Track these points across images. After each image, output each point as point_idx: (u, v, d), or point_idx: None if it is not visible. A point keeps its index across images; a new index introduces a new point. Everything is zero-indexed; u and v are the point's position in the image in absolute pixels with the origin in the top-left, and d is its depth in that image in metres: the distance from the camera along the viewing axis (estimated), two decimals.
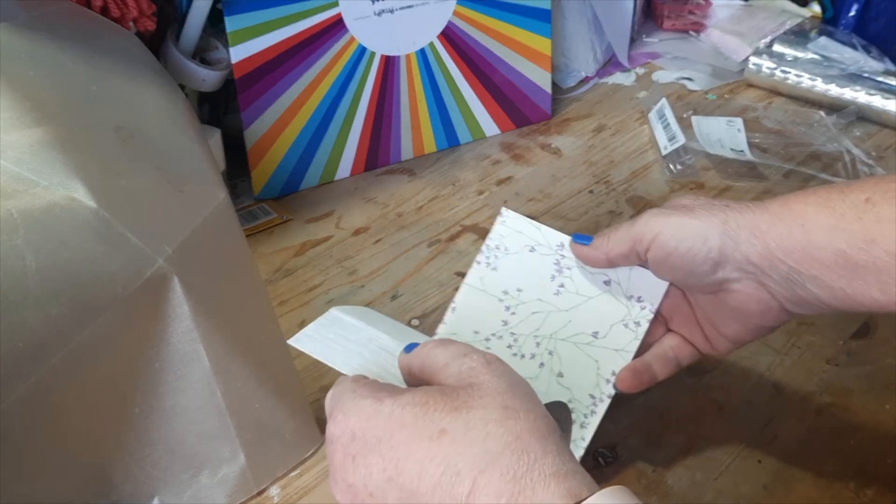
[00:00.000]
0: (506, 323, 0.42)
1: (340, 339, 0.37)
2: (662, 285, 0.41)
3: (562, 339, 0.41)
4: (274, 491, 0.42)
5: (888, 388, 0.47)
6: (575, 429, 0.40)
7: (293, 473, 0.43)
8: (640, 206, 0.62)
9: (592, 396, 0.40)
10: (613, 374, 0.40)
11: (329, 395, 0.31)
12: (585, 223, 0.60)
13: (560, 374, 0.41)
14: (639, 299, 0.41)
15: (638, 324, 0.41)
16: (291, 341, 0.37)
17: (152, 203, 0.39)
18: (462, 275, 0.56)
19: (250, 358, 0.41)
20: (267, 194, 0.63)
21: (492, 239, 0.44)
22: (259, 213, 0.61)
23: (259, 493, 0.42)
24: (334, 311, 0.39)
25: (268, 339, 0.43)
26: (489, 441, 0.26)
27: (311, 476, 0.43)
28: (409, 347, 0.32)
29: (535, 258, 0.43)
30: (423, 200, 0.63)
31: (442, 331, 0.43)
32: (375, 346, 0.36)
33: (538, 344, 0.41)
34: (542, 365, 0.41)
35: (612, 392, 0.40)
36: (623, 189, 0.64)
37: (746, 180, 0.64)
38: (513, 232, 0.44)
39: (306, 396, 0.46)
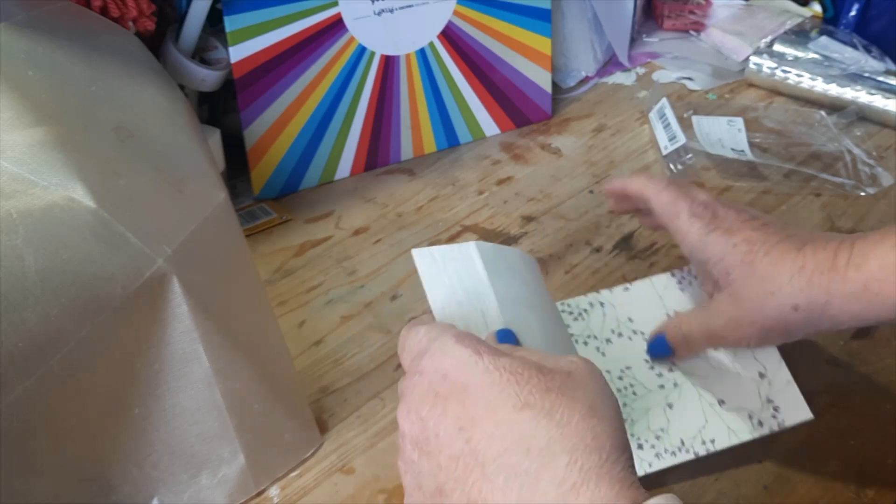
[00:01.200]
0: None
1: (457, 277, 0.35)
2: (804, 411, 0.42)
3: (691, 379, 0.42)
4: (273, 491, 0.42)
5: (889, 388, 0.47)
6: (647, 454, 0.40)
7: (293, 474, 0.43)
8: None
9: (682, 442, 0.41)
10: (713, 442, 0.41)
11: (424, 330, 0.30)
12: (585, 223, 0.60)
13: (670, 405, 0.42)
14: (775, 408, 0.42)
15: (762, 424, 0.41)
16: (414, 252, 0.36)
17: (152, 203, 0.39)
18: None
19: (250, 358, 0.41)
20: (266, 194, 0.63)
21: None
22: (259, 214, 0.61)
23: (259, 494, 0.42)
24: (472, 247, 0.36)
25: (267, 339, 0.43)
26: (568, 430, 0.26)
27: (311, 476, 0.43)
28: (502, 337, 0.32)
29: None
30: (422, 200, 0.63)
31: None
32: (478, 306, 0.34)
33: (671, 370, 0.43)
34: (662, 387, 0.42)
35: (700, 454, 0.41)
36: None
37: (747, 180, 0.64)
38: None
39: (306, 397, 0.46)
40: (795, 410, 0.42)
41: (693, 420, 0.41)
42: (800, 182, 0.64)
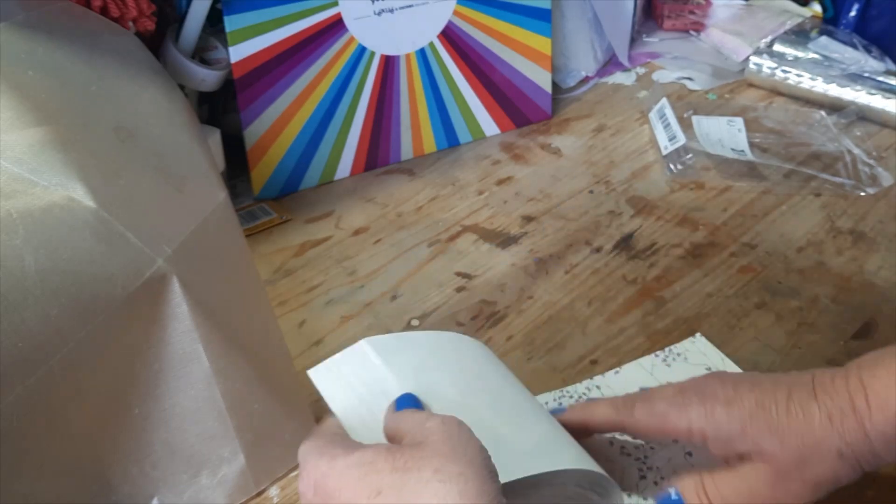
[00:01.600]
0: None
1: (353, 377, 0.36)
2: None
3: None
4: (273, 491, 0.42)
5: None
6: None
7: (293, 474, 0.43)
8: (640, 206, 0.62)
9: None
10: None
11: (301, 450, 0.32)
12: (585, 223, 0.60)
13: (689, 453, 0.41)
14: None
15: None
16: (310, 372, 0.37)
17: (152, 203, 0.39)
18: (462, 275, 0.56)
19: (250, 358, 0.41)
20: (266, 194, 0.63)
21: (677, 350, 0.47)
22: (259, 214, 0.61)
23: (258, 494, 0.42)
24: (363, 345, 0.37)
25: (267, 339, 0.43)
26: (423, 499, 0.27)
27: None
28: (400, 404, 0.33)
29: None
30: (422, 200, 0.63)
31: None
32: (378, 390, 0.35)
33: None
34: (676, 441, 0.41)
35: None
36: (623, 189, 0.64)
37: (747, 180, 0.64)
38: (699, 353, 0.48)
39: (306, 397, 0.46)
40: None
41: (715, 464, 0.41)
42: (800, 182, 0.64)
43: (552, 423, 0.37)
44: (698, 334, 0.50)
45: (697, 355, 0.48)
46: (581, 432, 0.39)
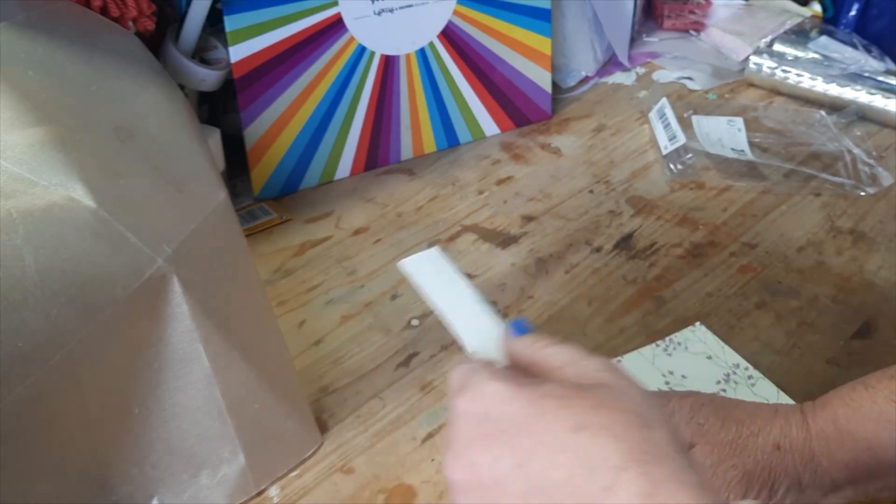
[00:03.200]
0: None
1: (436, 275, 0.36)
2: None
3: None
4: (273, 491, 0.42)
5: None
6: None
7: (293, 474, 0.43)
8: (640, 206, 0.62)
9: None
10: None
11: (458, 371, 0.29)
12: (585, 223, 0.60)
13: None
14: None
15: None
16: (400, 263, 0.36)
17: (152, 203, 0.39)
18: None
19: (250, 358, 0.41)
20: (266, 194, 0.63)
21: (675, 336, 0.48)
22: (258, 213, 0.61)
23: (259, 494, 0.42)
24: (436, 251, 0.37)
25: (267, 339, 0.43)
26: (629, 443, 0.25)
27: (311, 476, 0.43)
28: (518, 329, 0.31)
29: (710, 364, 0.47)
30: (422, 200, 0.63)
31: None
32: (456, 290, 0.35)
33: None
34: None
35: None
36: (623, 189, 0.64)
37: (747, 180, 0.64)
38: (699, 342, 0.49)
39: (306, 397, 0.46)
40: None
41: None
42: (800, 182, 0.64)
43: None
44: (698, 323, 0.50)
45: (697, 344, 0.48)
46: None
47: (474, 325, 0.33)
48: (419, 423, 0.45)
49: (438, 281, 0.36)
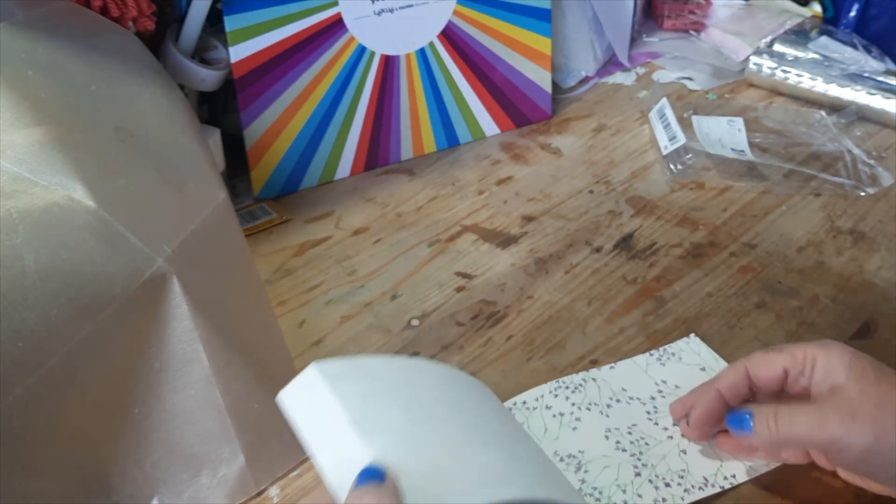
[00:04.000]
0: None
1: (308, 403, 0.34)
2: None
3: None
4: (273, 491, 0.42)
5: None
6: (676, 490, 0.40)
7: (293, 474, 0.43)
8: (640, 206, 0.62)
9: (706, 479, 0.41)
10: (734, 477, 0.41)
11: None
12: (585, 223, 0.60)
13: (684, 451, 0.42)
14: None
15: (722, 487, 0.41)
16: (278, 398, 0.35)
17: (151, 203, 0.39)
18: (462, 275, 0.56)
19: (250, 358, 0.41)
20: (266, 194, 0.63)
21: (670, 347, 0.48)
22: (258, 213, 0.61)
23: (259, 494, 0.42)
24: (313, 369, 0.34)
25: (267, 339, 0.43)
26: None
27: (311, 476, 0.43)
28: (361, 478, 0.30)
29: (704, 376, 0.46)
30: (422, 200, 0.63)
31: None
32: (329, 418, 0.32)
33: (675, 423, 0.44)
34: (671, 437, 0.43)
35: (726, 487, 0.41)
36: (623, 189, 0.64)
37: (747, 180, 0.64)
38: (693, 353, 0.48)
39: None
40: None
41: (709, 461, 0.42)
42: (800, 182, 0.64)
43: (516, 447, 0.35)
44: (693, 335, 0.50)
45: (691, 355, 0.48)
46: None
47: (336, 465, 0.31)
48: None
49: (313, 410, 0.32)
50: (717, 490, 0.41)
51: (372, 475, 0.30)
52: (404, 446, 0.31)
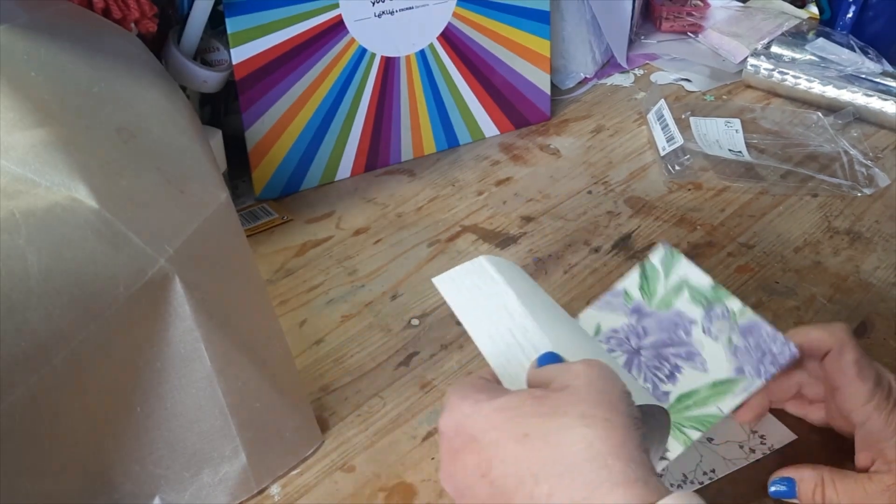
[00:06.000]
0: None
1: (476, 290, 0.36)
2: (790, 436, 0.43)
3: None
4: (275, 490, 0.42)
5: None
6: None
7: (294, 472, 0.43)
8: (638, 206, 0.62)
9: (685, 476, 0.41)
10: (713, 471, 0.42)
11: (449, 389, 0.32)
12: (584, 223, 0.61)
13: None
14: (761, 437, 0.43)
15: (753, 451, 0.42)
16: (435, 280, 0.37)
17: (154, 203, 0.39)
18: None
19: (251, 357, 0.41)
20: (268, 195, 0.63)
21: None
22: (260, 214, 0.61)
23: (260, 492, 0.42)
24: (482, 260, 0.38)
25: (268, 338, 0.44)
26: (564, 448, 0.27)
27: (312, 475, 0.43)
28: (542, 360, 0.32)
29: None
30: (422, 201, 0.63)
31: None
32: (500, 304, 0.35)
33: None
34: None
35: (705, 482, 0.41)
36: (621, 189, 0.64)
37: (744, 181, 0.64)
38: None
39: (307, 396, 0.46)
40: (780, 435, 0.44)
41: (689, 457, 0.42)
42: (797, 183, 0.64)
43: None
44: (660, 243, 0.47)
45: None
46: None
47: (504, 356, 0.34)
48: (419, 421, 0.46)
49: (477, 297, 0.35)
50: (696, 486, 0.41)
51: (557, 359, 0.32)
52: (565, 342, 0.33)
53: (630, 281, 0.46)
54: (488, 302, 0.35)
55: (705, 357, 0.42)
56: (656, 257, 0.46)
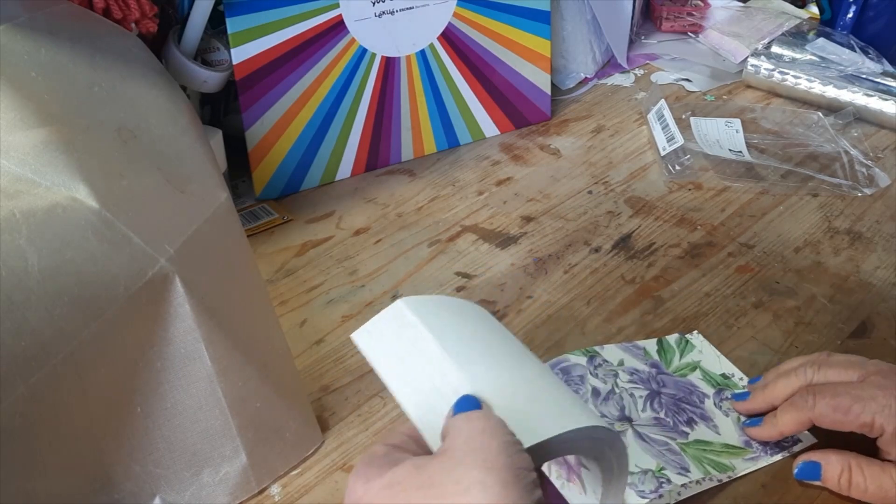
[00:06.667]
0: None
1: (393, 337, 0.35)
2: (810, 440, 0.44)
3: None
4: (275, 489, 0.42)
5: None
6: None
7: (294, 472, 0.43)
8: (638, 206, 0.62)
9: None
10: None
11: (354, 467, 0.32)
12: (584, 223, 0.61)
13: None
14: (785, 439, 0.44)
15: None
16: (353, 336, 0.36)
17: (154, 203, 0.39)
18: (462, 274, 0.56)
19: (251, 357, 0.41)
20: (268, 195, 0.63)
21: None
22: (260, 214, 0.61)
23: (260, 492, 0.42)
24: (400, 304, 0.36)
25: (269, 338, 0.44)
26: None
27: (312, 475, 0.43)
28: (458, 407, 0.32)
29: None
30: (423, 201, 0.63)
31: None
32: (417, 350, 0.34)
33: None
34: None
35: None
36: (622, 190, 0.64)
37: (744, 181, 0.64)
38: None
39: (307, 396, 0.46)
40: (802, 438, 0.44)
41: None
42: (797, 183, 0.64)
43: (556, 381, 0.37)
44: (696, 332, 0.50)
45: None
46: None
47: (426, 395, 0.32)
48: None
49: (396, 347, 0.34)
50: (716, 483, 0.41)
51: (472, 403, 0.31)
52: (487, 378, 0.32)
53: (649, 345, 0.48)
54: (407, 350, 0.34)
55: (717, 423, 0.44)
56: (672, 339, 0.49)
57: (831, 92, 0.71)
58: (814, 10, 0.82)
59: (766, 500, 0.41)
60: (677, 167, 0.65)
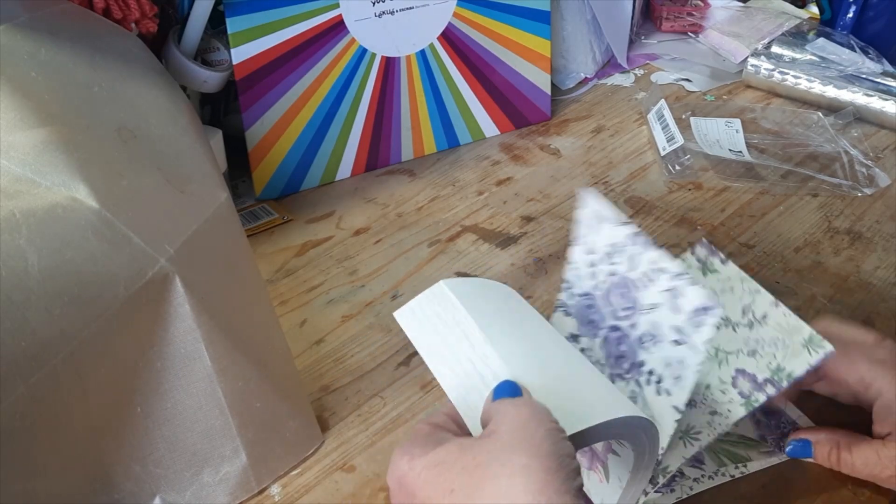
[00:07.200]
0: None
1: (436, 318, 0.35)
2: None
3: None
4: (275, 489, 0.42)
5: None
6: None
7: (294, 472, 0.43)
8: (638, 206, 0.62)
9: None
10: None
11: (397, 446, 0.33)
12: None
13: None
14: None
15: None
16: (396, 314, 0.37)
17: (154, 203, 0.39)
18: (462, 274, 0.56)
19: (251, 357, 0.41)
20: (268, 195, 0.63)
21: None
22: (260, 214, 0.61)
23: (260, 492, 0.42)
24: (442, 286, 0.36)
25: (269, 338, 0.44)
26: (485, 500, 0.28)
27: (312, 475, 0.43)
28: (498, 392, 0.32)
29: None
30: (423, 201, 0.63)
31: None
32: (459, 332, 0.34)
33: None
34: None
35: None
36: (622, 189, 0.64)
37: (744, 181, 0.64)
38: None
39: (307, 396, 0.46)
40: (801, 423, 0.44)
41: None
42: (797, 183, 0.64)
43: (597, 370, 0.37)
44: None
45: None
46: None
47: (465, 387, 0.33)
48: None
49: (438, 327, 0.34)
50: (727, 479, 0.41)
51: (513, 389, 0.32)
52: (527, 364, 0.32)
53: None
54: (449, 331, 0.34)
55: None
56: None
57: (831, 92, 0.71)
58: (814, 10, 0.82)
59: (766, 500, 0.41)
60: (677, 167, 0.65)
